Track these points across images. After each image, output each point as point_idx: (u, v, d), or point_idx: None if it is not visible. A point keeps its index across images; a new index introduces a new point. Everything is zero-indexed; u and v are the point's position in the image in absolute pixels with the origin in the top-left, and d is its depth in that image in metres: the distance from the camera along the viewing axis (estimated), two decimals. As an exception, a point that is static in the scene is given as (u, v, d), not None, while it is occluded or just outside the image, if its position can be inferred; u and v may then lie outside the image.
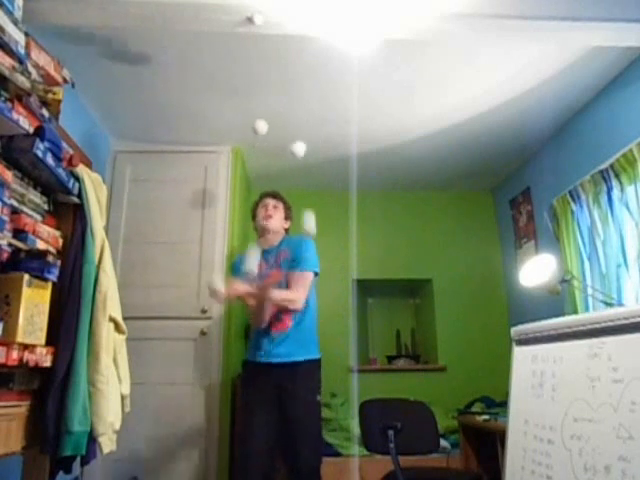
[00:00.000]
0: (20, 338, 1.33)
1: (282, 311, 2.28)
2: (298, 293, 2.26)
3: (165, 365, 2.88)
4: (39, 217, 1.57)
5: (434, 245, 4.11)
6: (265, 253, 2.42)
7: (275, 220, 2.48)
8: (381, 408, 2.49)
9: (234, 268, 2.49)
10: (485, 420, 2.79)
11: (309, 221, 2.36)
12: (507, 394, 1.97)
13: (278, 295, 2.23)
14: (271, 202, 2.52)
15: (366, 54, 2.43)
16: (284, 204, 2.56)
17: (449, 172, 3.88)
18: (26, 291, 1.36)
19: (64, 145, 1.61)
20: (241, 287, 2.22)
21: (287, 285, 2.30)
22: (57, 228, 1.64)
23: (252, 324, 2.38)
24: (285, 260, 2.39)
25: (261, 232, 2.51)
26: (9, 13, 1.37)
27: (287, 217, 2.55)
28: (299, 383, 2.22)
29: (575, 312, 2.71)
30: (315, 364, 2.31)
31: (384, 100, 2.88)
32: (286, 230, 2.55)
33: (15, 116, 1.36)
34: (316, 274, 2.38)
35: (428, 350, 4.09)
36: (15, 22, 1.39)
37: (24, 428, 1.42)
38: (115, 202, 3.12)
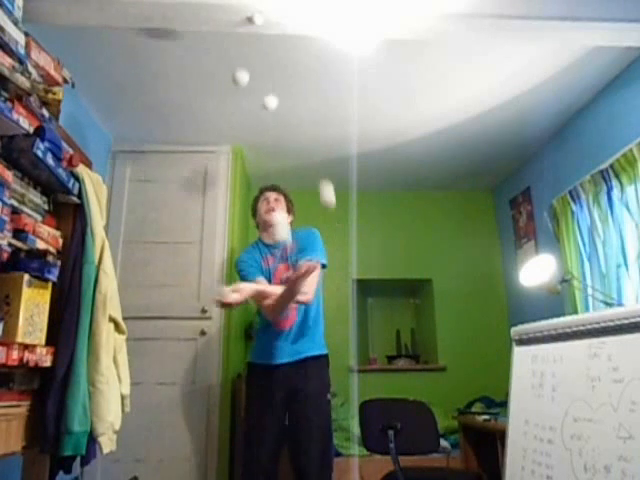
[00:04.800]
0: (20, 338, 1.33)
1: (289, 306, 2.18)
2: (308, 286, 2.10)
3: (165, 365, 2.88)
4: (39, 217, 1.57)
5: (434, 245, 4.11)
6: (270, 248, 2.37)
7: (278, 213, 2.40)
8: (381, 408, 2.49)
9: (241, 264, 2.35)
10: (485, 420, 2.79)
11: (327, 192, 2.21)
12: (507, 394, 1.97)
13: (286, 290, 2.06)
14: (272, 195, 2.45)
15: (366, 54, 2.43)
16: (285, 197, 2.50)
17: (449, 172, 3.88)
18: (26, 291, 1.36)
19: (64, 145, 1.61)
20: (249, 287, 2.08)
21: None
22: (57, 228, 1.64)
23: (271, 318, 2.21)
24: (292, 253, 2.32)
25: (264, 227, 2.43)
26: (9, 13, 1.37)
27: (289, 211, 2.48)
28: (310, 383, 2.17)
29: (575, 312, 2.71)
30: (324, 360, 2.26)
31: (384, 100, 2.88)
32: (289, 224, 2.46)
33: (15, 116, 1.36)
34: (324, 266, 2.28)
35: (428, 350, 4.09)
36: (15, 22, 1.39)
37: (24, 428, 1.42)
38: (115, 202, 3.12)
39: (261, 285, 2.18)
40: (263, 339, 2.28)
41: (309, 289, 2.13)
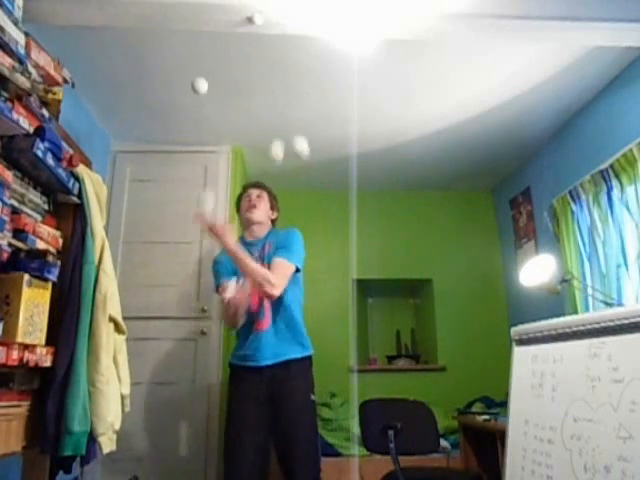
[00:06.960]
0: (20, 338, 1.32)
1: (264, 306, 2.13)
2: (279, 279, 2.06)
3: (165, 365, 2.89)
4: (39, 217, 1.57)
5: (434, 245, 4.11)
6: (249, 246, 2.25)
7: (260, 210, 2.32)
8: (381, 408, 2.48)
9: (216, 265, 2.30)
10: (485, 420, 2.79)
11: (276, 148, 2.19)
12: (507, 394, 1.97)
13: (260, 269, 2.06)
14: (255, 192, 2.37)
15: (366, 54, 2.43)
16: (269, 194, 2.41)
17: (449, 172, 3.88)
18: (26, 291, 1.36)
19: (64, 145, 1.61)
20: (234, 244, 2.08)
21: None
22: (57, 228, 1.64)
23: (227, 324, 2.18)
24: (270, 253, 2.19)
25: (245, 224, 2.36)
26: (9, 13, 1.37)
27: (273, 207, 2.40)
28: (292, 383, 2.10)
29: (575, 312, 2.71)
30: (307, 362, 2.19)
31: (384, 100, 2.88)
32: (273, 222, 2.40)
33: (15, 116, 1.36)
34: (297, 270, 2.18)
35: (428, 350, 4.09)
36: (15, 22, 1.39)
37: (24, 428, 1.42)
38: (115, 202, 3.12)
39: (248, 258, 2.11)
40: (244, 339, 2.19)
41: (279, 283, 2.06)
